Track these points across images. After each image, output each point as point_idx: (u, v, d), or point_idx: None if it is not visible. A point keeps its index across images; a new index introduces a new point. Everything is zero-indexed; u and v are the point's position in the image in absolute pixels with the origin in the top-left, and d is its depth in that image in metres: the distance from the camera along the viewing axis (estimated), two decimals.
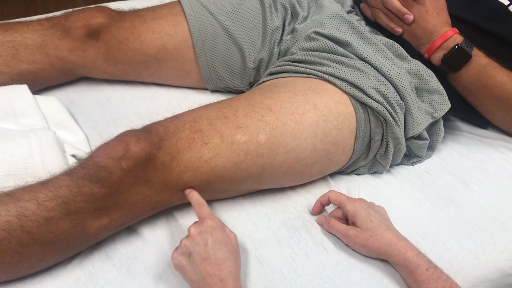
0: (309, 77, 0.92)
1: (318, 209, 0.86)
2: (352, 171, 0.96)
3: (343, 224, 0.80)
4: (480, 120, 1.06)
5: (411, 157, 0.99)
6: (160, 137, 0.76)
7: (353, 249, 0.80)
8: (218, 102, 0.86)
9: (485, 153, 1.02)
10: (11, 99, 0.92)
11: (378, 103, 0.88)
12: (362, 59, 0.94)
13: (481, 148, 1.04)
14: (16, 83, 0.96)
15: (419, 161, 1.00)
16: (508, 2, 1.01)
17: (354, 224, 0.79)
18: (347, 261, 0.79)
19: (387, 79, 0.91)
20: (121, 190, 0.72)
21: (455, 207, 0.90)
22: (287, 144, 0.82)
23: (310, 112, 0.84)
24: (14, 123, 0.89)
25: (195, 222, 0.72)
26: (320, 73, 0.91)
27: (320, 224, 0.84)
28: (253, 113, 0.82)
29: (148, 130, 0.77)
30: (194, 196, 0.77)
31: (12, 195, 0.69)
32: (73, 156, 0.87)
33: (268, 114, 0.82)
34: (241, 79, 1.07)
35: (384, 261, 0.79)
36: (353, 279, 0.76)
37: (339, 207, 0.82)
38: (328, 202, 0.84)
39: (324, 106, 0.85)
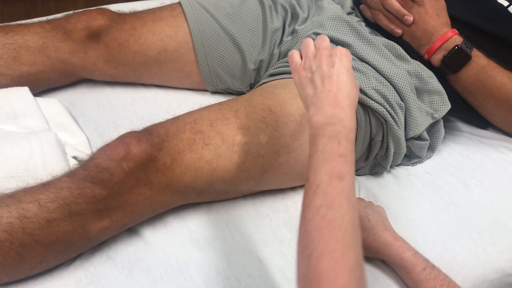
0: None
1: None
2: None
3: None
4: (480, 121, 1.06)
5: (411, 157, 0.99)
6: (161, 139, 0.76)
7: None
8: (219, 103, 0.86)
9: (485, 153, 1.03)
10: (12, 101, 0.92)
11: (379, 104, 0.88)
12: (362, 60, 0.94)
13: (482, 149, 1.04)
14: (17, 85, 0.96)
15: (420, 162, 1.00)
16: (508, 3, 1.01)
17: None
18: None
19: (387, 80, 0.91)
20: (122, 192, 0.72)
21: (455, 207, 0.90)
22: (288, 145, 0.82)
23: None
24: (15, 125, 0.90)
25: (321, 46, 0.69)
26: None
27: None
28: (254, 114, 0.82)
29: (149, 132, 0.77)
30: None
31: (14, 197, 0.69)
32: (74, 157, 0.87)
33: (269, 115, 0.82)
34: (242, 81, 1.07)
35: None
36: None
37: None
38: None
39: None
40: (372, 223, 0.77)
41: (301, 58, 0.71)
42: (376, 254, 0.77)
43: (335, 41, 0.96)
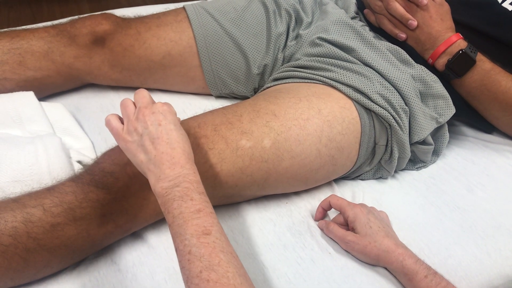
0: (314, 83, 0.92)
1: (320, 214, 0.86)
2: (356, 176, 0.96)
3: (342, 230, 0.80)
4: (485, 125, 1.06)
5: (416, 162, 0.99)
6: None
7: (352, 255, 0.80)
8: (223, 108, 0.86)
9: (490, 158, 1.02)
10: (17, 106, 0.92)
11: (383, 108, 0.88)
12: (366, 64, 0.94)
13: (486, 153, 1.03)
14: (23, 90, 0.97)
15: (424, 166, 1.00)
16: None
17: (353, 229, 0.79)
18: (352, 266, 0.78)
19: (391, 85, 0.91)
20: (126, 196, 0.72)
21: (460, 212, 0.90)
22: (292, 149, 0.82)
23: (315, 117, 0.84)
24: (21, 129, 0.90)
25: (142, 105, 0.66)
26: (324, 79, 0.91)
27: (321, 229, 0.84)
28: (258, 119, 0.82)
29: None
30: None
31: (19, 201, 0.69)
32: (79, 162, 0.87)
33: (272, 120, 0.82)
34: (246, 85, 1.08)
35: None
36: (359, 284, 0.76)
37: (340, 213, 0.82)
38: (330, 207, 0.84)
39: (329, 112, 0.85)
40: (373, 230, 0.77)
41: (122, 122, 0.68)
42: (377, 262, 0.77)
43: (339, 45, 0.96)
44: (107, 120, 0.69)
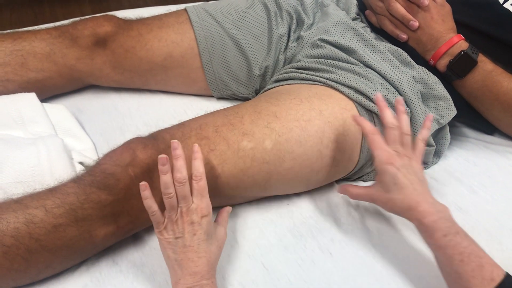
0: (315, 84, 0.92)
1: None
2: (358, 178, 0.96)
3: (362, 187, 0.80)
4: (486, 126, 1.06)
5: None
6: (166, 144, 0.76)
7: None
8: (224, 109, 0.86)
9: (491, 159, 1.02)
10: (19, 107, 0.93)
11: None
12: (367, 66, 0.94)
13: (488, 154, 1.03)
14: (25, 91, 0.97)
15: (425, 168, 0.99)
16: None
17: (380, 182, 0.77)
18: (353, 267, 0.78)
19: (392, 86, 0.91)
20: (128, 197, 0.73)
21: (461, 213, 0.90)
22: (293, 151, 0.82)
23: (316, 118, 0.84)
24: (23, 130, 0.90)
25: (184, 208, 0.70)
26: (325, 80, 0.91)
27: (343, 193, 0.84)
28: (259, 120, 0.82)
29: (154, 137, 0.77)
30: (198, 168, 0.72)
31: (21, 202, 0.69)
32: (81, 163, 0.87)
33: (274, 121, 0.82)
34: (247, 87, 1.08)
35: (391, 265, 0.79)
36: (359, 285, 0.76)
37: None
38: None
39: (330, 113, 0.85)
40: (398, 186, 0.74)
41: (162, 214, 0.71)
42: (400, 215, 0.76)
43: (340, 47, 0.96)
44: (152, 212, 0.70)
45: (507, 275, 0.67)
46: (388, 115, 0.78)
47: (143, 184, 0.69)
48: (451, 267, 0.69)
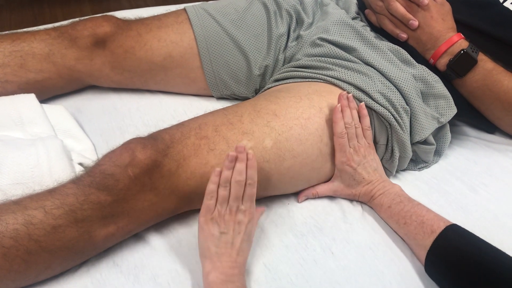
0: (314, 81, 0.92)
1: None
2: None
3: (325, 185, 0.90)
4: (487, 125, 1.06)
5: (417, 162, 0.99)
6: (166, 144, 0.76)
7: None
8: (224, 109, 0.86)
9: (492, 158, 1.02)
10: (19, 108, 0.92)
11: (383, 107, 0.88)
12: (367, 64, 0.94)
13: (489, 153, 1.03)
14: (24, 92, 0.97)
15: (426, 167, 0.99)
16: None
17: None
18: (355, 266, 0.78)
19: (392, 84, 0.91)
20: (127, 198, 0.72)
21: (462, 212, 0.89)
22: (293, 149, 0.82)
23: (316, 116, 0.84)
24: (22, 131, 0.90)
25: (232, 206, 0.73)
26: (325, 77, 0.91)
27: (307, 196, 0.90)
28: (259, 119, 0.82)
29: (154, 138, 0.77)
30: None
31: (20, 204, 0.69)
32: (80, 164, 0.87)
33: (273, 120, 0.82)
34: (247, 86, 1.07)
35: (392, 265, 0.78)
36: (361, 284, 0.76)
37: None
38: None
39: (330, 110, 0.86)
40: (358, 180, 0.86)
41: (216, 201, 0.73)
42: (360, 201, 0.90)
43: (340, 46, 0.96)
44: (213, 189, 0.72)
45: (450, 225, 0.75)
46: (340, 125, 0.84)
47: (217, 170, 0.72)
48: (400, 232, 0.82)
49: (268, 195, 0.88)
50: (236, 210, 0.72)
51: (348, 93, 0.88)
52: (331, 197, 0.91)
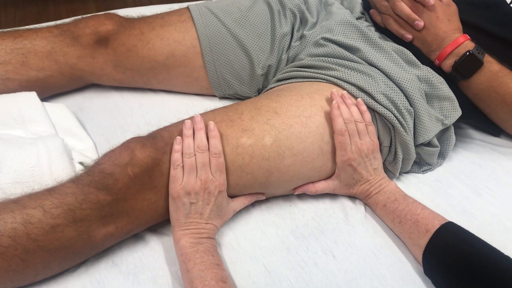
0: (317, 81, 0.91)
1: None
2: None
3: (324, 182, 0.88)
4: (492, 128, 1.05)
5: (421, 165, 0.98)
6: (165, 142, 0.76)
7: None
8: (224, 107, 0.86)
9: (497, 161, 1.01)
10: (20, 106, 0.92)
11: (386, 109, 0.87)
12: (371, 64, 0.93)
13: (494, 157, 1.02)
14: (25, 90, 0.97)
15: (430, 169, 0.98)
16: None
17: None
18: (356, 270, 0.78)
19: (396, 85, 0.90)
20: (127, 197, 0.72)
21: (466, 216, 0.89)
22: (293, 147, 0.81)
23: (317, 115, 0.84)
24: (23, 130, 0.90)
25: (203, 176, 0.75)
26: (328, 77, 0.91)
27: (305, 192, 0.88)
28: (259, 116, 0.82)
29: (153, 136, 0.77)
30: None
31: (19, 202, 0.69)
32: (81, 163, 0.87)
33: (274, 117, 0.82)
34: (250, 86, 1.07)
35: (395, 269, 0.78)
36: (362, 287, 0.75)
37: None
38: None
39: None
40: (357, 179, 0.86)
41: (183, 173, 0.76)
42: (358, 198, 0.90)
43: (343, 46, 0.95)
44: (177, 157, 0.75)
45: (445, 224, 0.75)
46: (339, 122, 0.83)
47: (178, 138, 0.75)
48: (396, 230, 0.82)
49: (269, 194, 0.87)
50: (205, 180, 0.74)
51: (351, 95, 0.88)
52: (333, 198, 0.90)
